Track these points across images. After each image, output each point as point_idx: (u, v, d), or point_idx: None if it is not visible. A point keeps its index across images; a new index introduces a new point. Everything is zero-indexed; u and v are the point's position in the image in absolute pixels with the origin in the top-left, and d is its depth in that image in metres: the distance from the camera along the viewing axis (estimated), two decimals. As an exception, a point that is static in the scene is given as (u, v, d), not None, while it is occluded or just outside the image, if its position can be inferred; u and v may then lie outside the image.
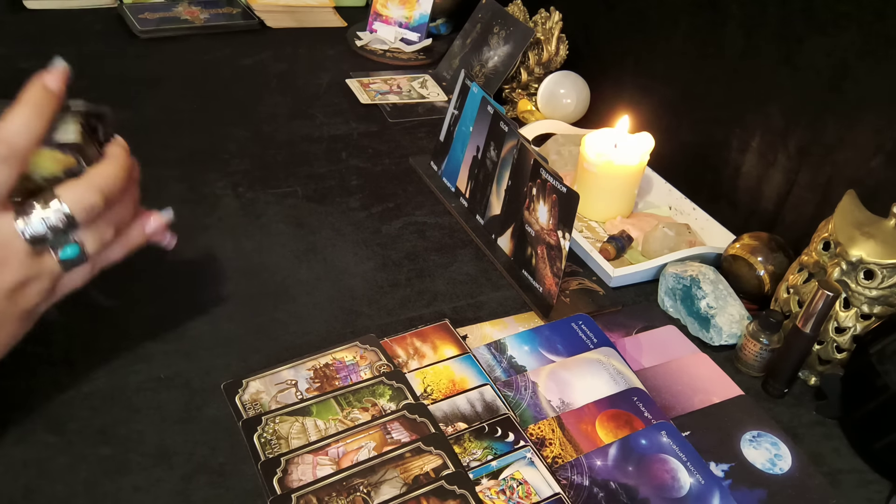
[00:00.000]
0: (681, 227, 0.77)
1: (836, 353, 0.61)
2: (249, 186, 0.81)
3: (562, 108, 0.99)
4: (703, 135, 0.86)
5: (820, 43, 0.70)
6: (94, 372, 0.56)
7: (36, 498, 0.47)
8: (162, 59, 1.05)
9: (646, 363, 0.64)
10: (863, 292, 0.59)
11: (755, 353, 0.63)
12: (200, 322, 0.62)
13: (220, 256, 0.70)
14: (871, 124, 0.67)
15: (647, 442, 0.55)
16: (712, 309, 0.67)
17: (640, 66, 0.96)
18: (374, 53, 1.14)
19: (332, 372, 0.58)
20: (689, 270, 0.69)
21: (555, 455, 0.54)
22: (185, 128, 0.90)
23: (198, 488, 0.49)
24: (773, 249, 0.69)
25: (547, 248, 0.67)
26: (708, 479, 0.53)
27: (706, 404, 0.60)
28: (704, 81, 0.85)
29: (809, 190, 0.74)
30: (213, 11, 1.18)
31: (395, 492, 0.49)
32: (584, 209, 0.83)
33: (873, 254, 0.58)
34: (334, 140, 0.92)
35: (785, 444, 0.57)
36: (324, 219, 0.77)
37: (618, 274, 0.72)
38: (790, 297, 0.64)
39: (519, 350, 0.63)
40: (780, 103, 0.75)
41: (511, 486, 0.51)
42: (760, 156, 0.79)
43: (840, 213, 0.61)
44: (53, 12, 1.13)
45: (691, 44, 0.86)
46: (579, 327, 0.65)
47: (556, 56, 1.00)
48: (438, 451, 0.52)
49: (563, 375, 0.61)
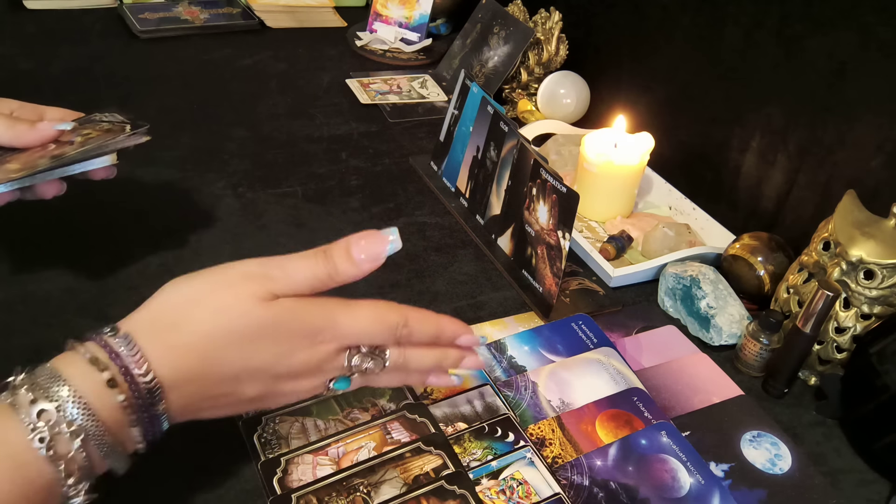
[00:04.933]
0: (681, 227, 0.77)
1: (836, 353, 0.61)
2: (249, 186, 0.81)
3: (562, 108, 0.99)
4: (703, 135, 0.86)
5: (820, 43, 0.70)
6: (94, 372, 0.56)
7: (36, 498, 0.47)
8: (162, 59, 1.05)
9: (646, 363, 0.64)
10: (863, 292, 0.59)
11: (755, 353, 0.63)
12: (200, 322, 0.62)
13: (220, 256, 0.70)
14: (871, 124, 0.67)
15: (647, 442, 0.55)
16: (712, 309, 0.67)
17: (640, 65, 0.96)
18: (374, 53, 1.14)
19: (332, 372, 0.58)
20: (689, 270, 0.69)
21: (555, 455, 0.54)
22: (184, 128, 0.90)
23: (198, 488, 0.49)
24: (773, 249, 0.69)
25: (547, 248, 0.67)
26: (708, 479, 0.53)
27: (706, 404, 0.60)
28: (704, 81, 0.85)
29: (809, 190, 0.74)
30: (213, 11, 1.18)
31: (395, 492, 0.49)
32: (584, 209, 0.83)
33: (873, 254, 0.58)
34: (334, 140, 0.92)
35: (785, 444, 0.57)
36: (324, 219, 0.77)
37: (618, 274, 0.72)
38: (790, 297, 0.64)
39: (519, 350, 0.63)
40: (780, 103, 0.75)
41: (511, 486, 0.51)
42: (760, 156, 0.79)
43: (840, 213, 0.61)
44: (53, 12, 1.13)
45: (691, 43, 0.86)
46: (579, 327, 0.65)
47: (556, 56, 1.00)
48: (438, 451, 0.52)
49: (563, 375, 0.61)
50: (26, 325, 0.60)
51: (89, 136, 0.59)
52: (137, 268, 0.67)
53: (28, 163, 0.57)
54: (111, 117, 0.63)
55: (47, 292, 0.63)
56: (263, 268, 0.42)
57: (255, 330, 0.41)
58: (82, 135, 0.59)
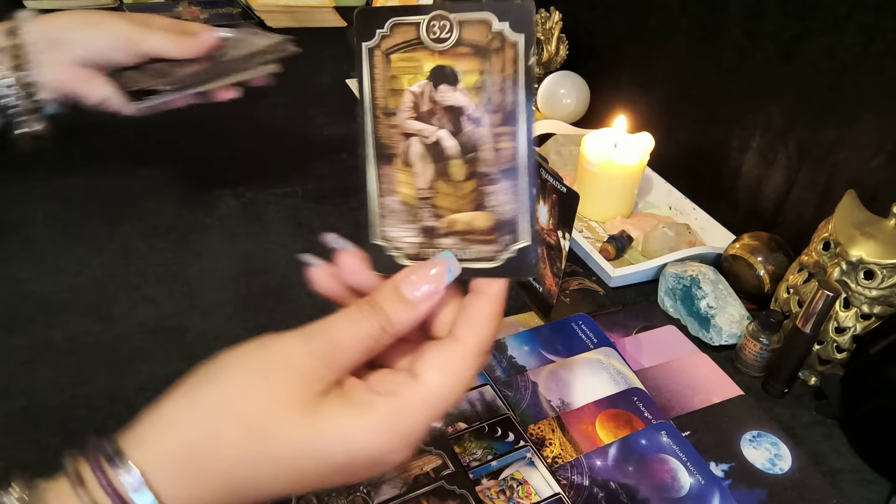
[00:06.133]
0: (681, 227, 0.77)
1: (836, 353, 0.61)
2: (249, 186, 0.81)
3: (562, 108, 0.99)
4: (703, 135, 0.86)
5: (820, 43, 0.70)
6: (94, 372, 0.56)
7: (36, 498, 0.47)
8: (162, 59, 1.05)
9: (646, 363, 0.64)
10: (863, 292, 0.59)
11: (755, 353, 0.63)
12: (200, 322, 0.62)
13: (220, 256, 0.70)
14: (871, 124, 0.67)
15: (647, 442, 0.55)
16: (712, 309, 0.67)
17: (640, 65, 0.96)
18: (374, 53, 1.14)
19: (332, 372, 0.58)
20: (689, 270, 0.69)
21: (555, 455, 0.54)
22: (184, 127, 0.90)
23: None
24: (773, 249, 0.69)
25: (547, 248, 0.67)
26: (708, 479, 0.53)
27: (706, 404, 0.60)
28: (704, 81, 0.85)
29: (809, 190, 0.74)
30: (213, 11, 1.18)
31: (394, 492, 0.49)
32: (584, 209, 0.83)
33: (873, 254, 0.58)
34: (334, 140, 0.92)
35: (785, 444, 0.57)
36: (324, 219, 0.77)
37: (618, 274, 0.72)
38: (790, 297, 0.64)
39: (519, 350, 0.63)
40: (780, 103, 0.75)
41: (511, 486, 0.51)
42: (760, 156, 0.79)
43: (840, 213, 0.61)
44: (53, 12, 1.13)
45: (691, 43, 0.86)
46: (579, 327, 0.65)
47: (556, 56, 1.00)
48: (438, 451, 0.52)
49: (563, 375, 0.61)
50: (26, 325, 0.60)
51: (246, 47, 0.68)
52: (138, 268, 0.67)
53: (200, 71, 0.66)
54: (262, 33, 0.70)
55: (47, 292, 0.63)
56: (308, 344, 0.33)
57: (300, 460, 0.32)
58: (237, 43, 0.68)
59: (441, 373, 0.33)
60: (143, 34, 0.64)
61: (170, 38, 0.65)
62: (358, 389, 0.33)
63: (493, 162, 0.36)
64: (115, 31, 0.64)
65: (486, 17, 0.34)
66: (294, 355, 0.33)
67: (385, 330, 0.34)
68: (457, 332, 0.35)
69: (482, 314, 0.35)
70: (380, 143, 0.37)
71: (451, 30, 0.35)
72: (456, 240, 0.37)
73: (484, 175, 0.36)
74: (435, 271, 0.35)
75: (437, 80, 0.36)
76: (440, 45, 0.35)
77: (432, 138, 0.37)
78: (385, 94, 0.37)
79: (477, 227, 0.36)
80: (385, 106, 0.37)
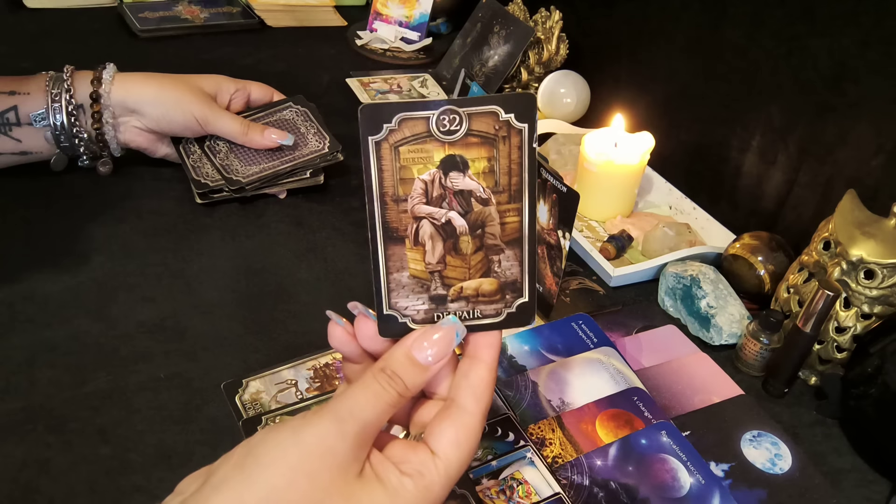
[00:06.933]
0: (681, 227, 0.77)
1: (837, 352, 0.61)
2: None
3: (562, 107, 0.99)
4: (703, 134, 0.86)
5: (820, 43, 0.70)
6: (94, 372, 0.56)
7: (36, 498, 0.47)
8: (162, 58, 1.05)
9: (646, 363, 0.64)
10: (863, 292, 0.59)
11: (755, 353, 0.63)
12: (200, 322, 0.62)
13: (220, 256, 0.70)
14: (871, 124, 0.67)
15: (647, 442, 0.55)
16: (712, 308, 0.67)
17: (641, 65, 0.96)
18: (375, 53, 1.14)
19: (332, 372, 0.58)
20: (690, 270, 0.69)
21: (555, 455, 0.54)
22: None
23: (198, 488, 0.49)
24: (774, 249, 0.69)
25: (547, 248, 0.67)
26: (708, 479, 0.53)
27: (706, 404, 0.60)
28: (704, 81, 0.85)
29: (809, 190, 0.74)
30: (213, 10, 1.18)
31: (395, 492, 0.49)
32: (585, 209, 0.83)
33: (873, 253, 0.58)
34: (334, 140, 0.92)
35: (785, 444, 0.57)
36: (324, 219, 0.77)
37: (618, 273, 0.72)
38: (790, 297, 0.64)
39: (519, 350, 0.63)
40: (780, 103, 0.75)
41: (511, 486, 0.51)
42: (760, 155, 0.79)
43: (840, 213, 0.61)
44: (53, 11, 1.13)
45: (691, 43, 0.86)
46: (579, 327, 0.65)
47: (557, 55, 1.00)
48: (438, 450, 0.52)
49: (563, 375, 0.61)
50: (26, 325, 0.60)
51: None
52: (138, 268, 0.67)
53: (265, 169, 0.77)
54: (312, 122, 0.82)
55: (47, 292, 0.63)
56: (340, 427, 0.34)
57: None
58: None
59: (458, 448, 0.36)
60: (215, 117, 0.75)
61: (237, 125, 0.76)
62: (388, 470, 0.35)
63: (500, 235, 0.39)
64: (190, 111, 0.74)
65: (494, 109, 0.37)
66: (329, 442, 0.34)
67: (403, 396, 0.37)
68: (462, 402, 0.37)
69: (483, 382, 0.38)
70: (389, 227, 0.39)
71: (461, 123, 0.37)
72: (463, 303, 0.39)
73: (491, 247, 0.39)
74: (444, 336, 0.38)
75: (447, 168, 0.38)
76: (450, 136, 0.37)
77: (443, 220, 0.39)
78: (394, 183, 0.38)
79: (483, 291, 0.39)
80: (394, 193, 0.38)
